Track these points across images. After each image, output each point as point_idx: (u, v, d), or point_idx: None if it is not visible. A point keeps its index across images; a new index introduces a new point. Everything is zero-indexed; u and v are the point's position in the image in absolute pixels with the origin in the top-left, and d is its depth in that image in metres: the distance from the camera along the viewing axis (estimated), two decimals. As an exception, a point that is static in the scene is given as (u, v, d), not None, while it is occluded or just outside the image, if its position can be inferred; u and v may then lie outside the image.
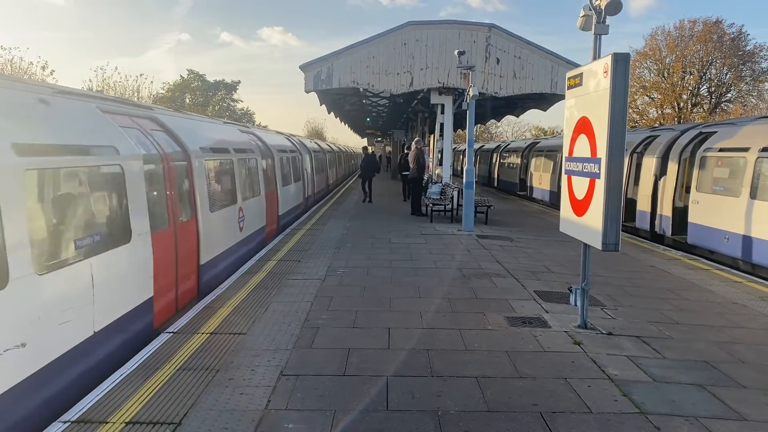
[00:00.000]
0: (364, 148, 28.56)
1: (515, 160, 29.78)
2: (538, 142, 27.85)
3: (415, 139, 19.79)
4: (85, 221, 5.54)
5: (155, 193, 7.11)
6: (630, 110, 43.14)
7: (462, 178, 15.79)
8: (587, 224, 6.26)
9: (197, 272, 8.35)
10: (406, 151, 23.52)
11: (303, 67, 17.11)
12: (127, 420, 4.32)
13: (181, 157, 8.23)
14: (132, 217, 6.31)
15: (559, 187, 19.95)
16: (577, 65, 16.25)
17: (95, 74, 76.58)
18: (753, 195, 10.57)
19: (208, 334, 6.22)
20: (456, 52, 14.98)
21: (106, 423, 4.27)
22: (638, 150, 15.76)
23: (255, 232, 11.99)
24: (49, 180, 5.05)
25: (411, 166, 17.99)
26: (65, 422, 4.27)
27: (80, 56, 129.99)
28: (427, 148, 24.16)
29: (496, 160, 34.50)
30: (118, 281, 5.94)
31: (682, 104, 49.46)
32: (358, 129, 57.42)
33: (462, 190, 15.03)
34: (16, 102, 5.08)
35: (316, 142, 30.36)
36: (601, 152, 5.86)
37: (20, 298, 4.36)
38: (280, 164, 15.64)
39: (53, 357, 4.77)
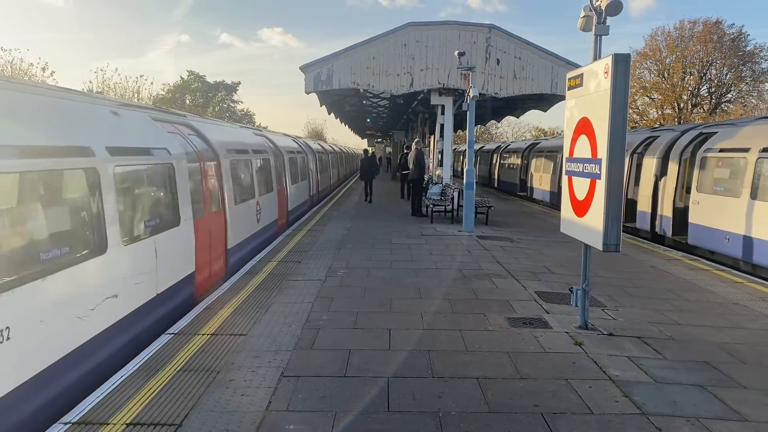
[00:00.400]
0: (365, 150, 29.12)
1: (515, 160, 29.78)
2: (539, 143, 27.87)
3: (415, 140, 19.81)
4: (151, 207, 7.07)
5: (195, 186, 8.47)
6: (630, 111, 43.08)
7: (462, 178, 15.79)
8: (588, 225, 6.26)
9: (225, 255, 9.70)
10: (405, 151, 24.13)
11: (303, 68, 17.13)
12: (128, 421, 4.31)
13: (212, 157, 9.57)
14: (180, 205, 7.72)
15: (559, 187, 19.94)
16: (577, 66, 16.25)
17: (95, 75, 76.60)
18: (753, 195, 10.56)
19: (209, 335, 6.22)
20: (456, 52, 14.98)
21: (107, 424, 4.27)
22: (638, 150, 15.76)
23: (269, 224, 13.35)
24: (127, 174, 6.48)
25: (410, 167, 18.02)
26: (66, 423, 4.26)
27: (80, 57, 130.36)
28: (427, 149, 24.19)
29: (496, 161, 34.51)
30: (172, 256, 7.35)
31: (682, 105, 49.48)
32: (359, 130, 57.43)
33: (462, 190, 15.03)
34: (100, 114, 6.57)
35: (319, 144, 32.18)
36: (602, 153, 5.86)
37: (114, 261, 5.83)
38: (289, 164, 16.87)
39: (133, 308, 6.23)
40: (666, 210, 13.96)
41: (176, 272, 7.47)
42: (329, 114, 31.62)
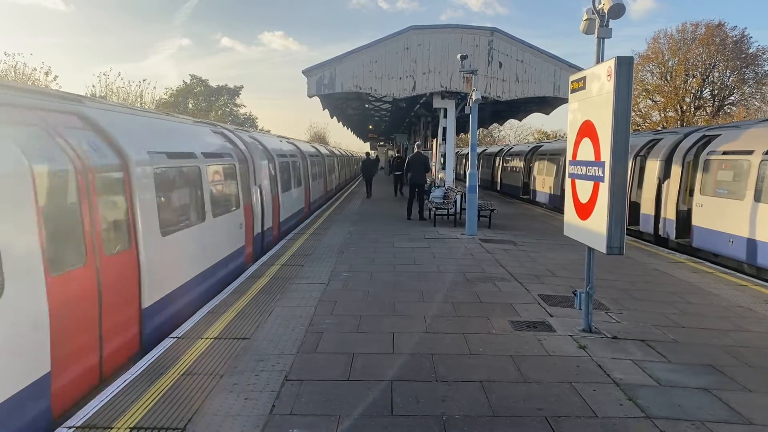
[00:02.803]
0: (367, 153, 33.79)
1: (518, 163, 29.74)
2: (541, 146, 27.82)
3: (416, 143, 19.85)
4: (296, 175, 17.20)
5: (303, 170, 18.64)
6: (633, 113, 43.07)
7: (465, 181, 15.78)
8: (591, 228, 6.25)
9: (309, 206, 19.77)
10: (398, 155, 31.70)
11: (306, 72, 17.16)
12: (131, 426, 4.31)
13: (304, 158, 19.51)
14: (302, 178, 18.28)
15: (561, 190, 19.91)
16: (579, 69, 16.25)
17: (98, 80, 76.79)
18: (757, 198, 10.53)
19: (212, 339, 6.21)
20: (458, 56, 14.99)
21: (111, 429, 4.26)
22: (641, 153, 15.73)
23: (322, 195, 24.13)
24: (295, 162, 17.67)
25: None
26: (70, 428, 4.26)
27: (83, 62, 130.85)
28: (430, 152, 24.23)
29: (498, 164, 34.47)
30: (299, 198, 17.46)
31: (684, 107, 49.42)
32: (361, 133, 57.53)
33: (465, 193, 15.01)
34: (278, 140, 17.25)
35: (337, 150, 43.51)
36: (605, 156, 5.85)
37: (293, 193, 16.53)
38: (327, 163, 27.20)
39: (296, 210, 16.83)
40: (669, 213, 13.93)
41: (300, 204, 17.39)
42: (332, 118, 31.77)
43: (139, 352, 6.21)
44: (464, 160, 42.15)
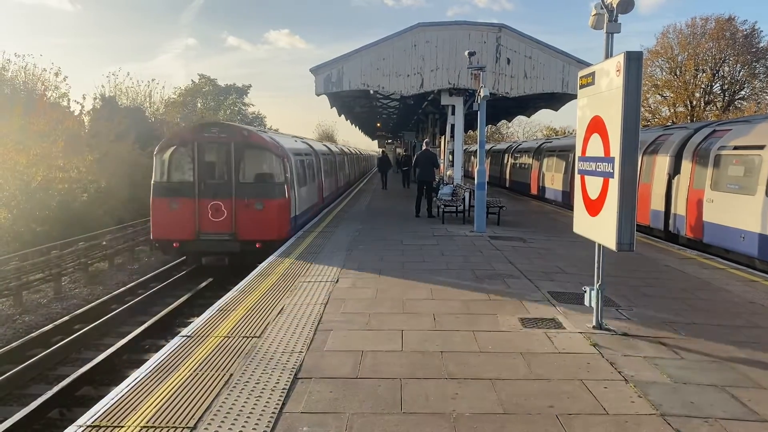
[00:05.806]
0: (383, 152, 39.44)
1: (526, 160, 29.63)
2: (550, 142, 27.71)
3: (425, 140, 19.82)
4: (355, 169, 39.01)
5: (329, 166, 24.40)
6: (642, 109, 42.76)
7: (473, 179, 15.74)
8: (601, 224, 6.21)
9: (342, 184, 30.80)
10: (405, 152, 36.33)
11: (313, 70, 17.16)
12: (141, 424, 4.33)
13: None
14: (343, 171, 33.16)
15: (571, 187, 19.81)
16: (588, 64, 16.14)
17: (107, 80, 77.11)
18: (769, 193, 10.42)
19: (222, 338, 6.23)
20: (466, 52, 14.93)
21: (120, 427, 4.28)
22: (651, 149, 15.61)
23: (352, 179, 34.60)
24: (330, 162, 25.49)
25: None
26: (81, 426, 4.29)
27: (90, 61, 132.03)
28: (438, 149, 24.20)
29: (507, 161, 34.38)
30: (344, 178, 30.78)
31: (694, 102, 49.04)
32: (369, 131, 57.58)
33: (473, 191, 14.97)
34: (323, 147, 24.91)
35: (354, 149, 49.67)
36: (615, 151, 5.80)
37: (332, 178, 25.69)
38: (349, 160, 34.33)
39: (331, 192, 23.50)
40: (680, 208, 13.82)
41: (347, 180, 31.58)
42: (339, 116, 31.89)
43: (339, 192, 26.01)
44: (472, 157, 42.06)
